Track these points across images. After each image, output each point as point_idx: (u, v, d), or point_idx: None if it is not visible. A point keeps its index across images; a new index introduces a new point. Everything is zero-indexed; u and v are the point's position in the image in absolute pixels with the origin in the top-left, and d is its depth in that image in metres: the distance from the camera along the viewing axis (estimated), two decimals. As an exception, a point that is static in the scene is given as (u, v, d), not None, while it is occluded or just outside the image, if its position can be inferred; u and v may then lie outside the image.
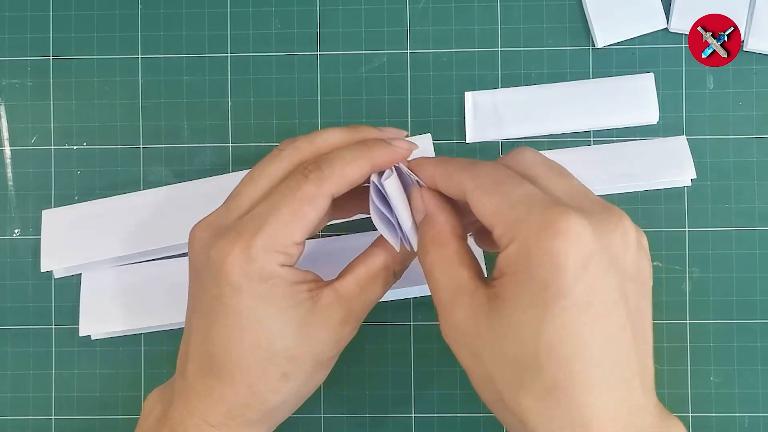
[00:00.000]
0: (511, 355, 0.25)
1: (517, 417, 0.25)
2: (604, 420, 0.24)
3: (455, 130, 0.40)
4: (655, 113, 0.39)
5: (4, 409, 0.40)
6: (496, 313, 0.25)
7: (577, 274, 0.24)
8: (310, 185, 0.28)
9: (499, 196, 0.26)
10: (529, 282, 0.24)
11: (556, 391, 0.24)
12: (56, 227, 0.39)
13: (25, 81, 0.41)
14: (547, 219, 0.24)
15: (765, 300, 0.39)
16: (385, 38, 0.40)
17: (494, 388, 0.26)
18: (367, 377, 0.40)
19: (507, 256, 0.25)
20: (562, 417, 0.24)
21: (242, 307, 0.28)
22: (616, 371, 0.24)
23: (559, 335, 0.24)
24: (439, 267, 0.28)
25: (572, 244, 0.24)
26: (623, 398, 0.25)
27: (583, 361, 0.24)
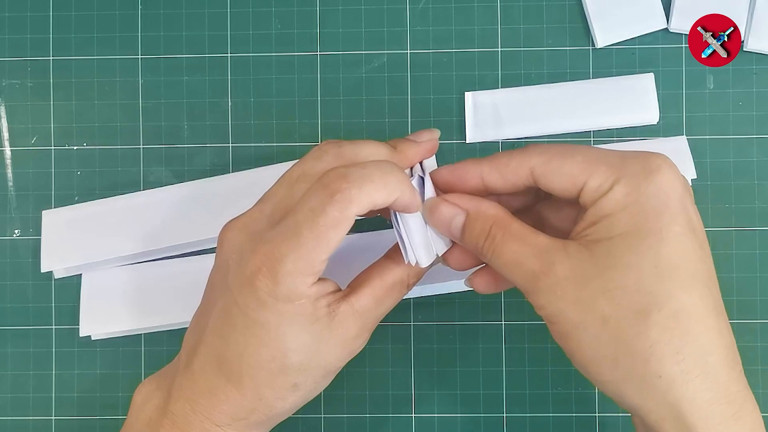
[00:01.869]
0: (630, 285, 0.25)
1: (640, 354, 0.25)
2: (721, 348, 0.26)
3: (455, 130, 0.40)
4: (655, 113, 0.39)
5: (4, 410, 0.40)
6: (606, 253, 0.26)
7: (681, 205, 0.26)
8: (334, 210, 0.27)
9: (581, 155, 0.27)
10: (643, 213, 0.26)
11: (681, 315, 0.25)
12: (56, 227, 0.39)
13: (25, 81, 0.41)
14: (645, 160, 0.27)
15: (765, 300, 0.39)
16: (385, 38, 0.40)
17: (610, 330, 0.26)
18: (367, 377, 0.40)
19: (613, 198, 0.26)
20: (689, 343, 0.25)
21: (265, 322, 0.27)
22: (719, 300, 0.27)
23: (680, 257, 0.26)
24: (514, 243, 0.28)
25: (674, 177, 0.26)
26: (727, 329, 0.26)
27: (700, 284, 0.26)
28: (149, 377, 0.32)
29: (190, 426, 0.29)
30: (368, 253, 0.32)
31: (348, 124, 0.40)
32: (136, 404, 0.31)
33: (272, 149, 0.40)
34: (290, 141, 0.40)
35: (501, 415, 0.39)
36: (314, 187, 0.27)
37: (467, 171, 0.30)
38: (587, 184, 0.27)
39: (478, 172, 0.30)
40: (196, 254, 0.39)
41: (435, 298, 0.39)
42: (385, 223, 0.39)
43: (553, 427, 0.39)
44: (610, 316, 0.26)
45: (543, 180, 0.28)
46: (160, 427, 0.29)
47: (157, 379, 0.31)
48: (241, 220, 0.30)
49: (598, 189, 0.27)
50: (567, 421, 0.39)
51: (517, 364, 0.39)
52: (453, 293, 0.39)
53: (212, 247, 0.39)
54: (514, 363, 0.39)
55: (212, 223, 0.38)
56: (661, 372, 0.25)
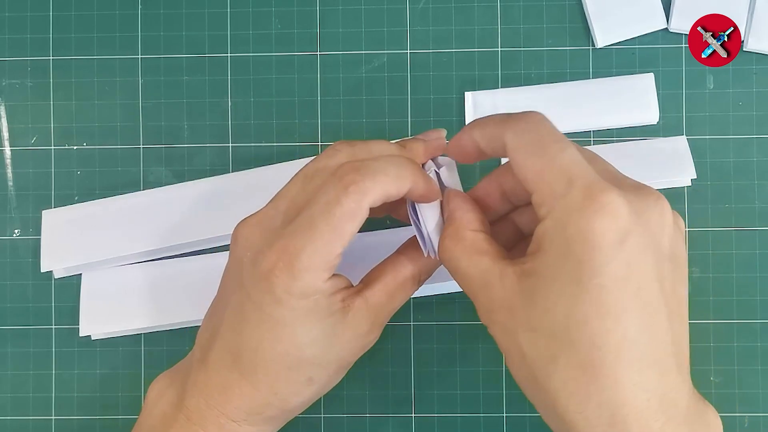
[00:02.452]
0: (544, 330, 0.25)
1: (549, 396, 0.25)
2: (637, 401, 0.24)
3: (455, 130, 0.40)
4: (655, 113, 0.39)
5: (4, 410, 0.40)
6: (530, 290, 0.25)
7: (614, 252, 0.24)
8: (349, 201, 0.27)
9: (542, 161, 0.25)
10: (565, 258, 0.24)
11: (588, 367, 0.24)
12: (56, 227, 0.39)
13: (25, 81, 0.41)
14: (586, 195, 0.24)
15: (765, 300, 0.39)
16: (385, 38, 0.40)
17: (527, 366, 0.26)
18: (367, 377, 0.40)
19: (544, 229, 0.25)
20: (593, 396, 0.24)
21: (280, 317, 0.28)
22: (650, 351, 0.24)
23: (594, 311, 0.24)
24: (460, 260, 0.28)
25: (610, 221, 0.24)
26: (657, 379, 0.24)
27: (616, 337, 0.24)
28: (163, 373, 0.32)
29: (205, 421, 0.29)
30: (378, 251, 0.33)
31: (348, 124, 0.40)
32: (150, 400, 0.31)
33: (272, 149, 0.40)
34: (290, 141, 0.40)
35: (501, 415, 0.39)
36: (328, 180, 0.28)
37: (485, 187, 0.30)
38: (534, 195, 0.26)
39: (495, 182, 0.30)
40: (196, 254, 0.39)
41: (435, 298, 0.39)
42: (388, 223, 0.39)
43: (553, 427, 0.39)
44: (526, 353, 0.25)
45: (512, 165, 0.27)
46: (174, 422, 0.29)
47: (170, 375, 0.32)
48: (256, 217, 0.30)
49: (540, 208, 0.25)
50: (567, 421, 0.39)
51: (517, 364, 0.39)
52: (453, 293, 0.39)
53: (212, 247, 0.39)
54: (514, 363, 0.39)
55: (212, 223, 0.38)
56: (565, 417, 0.25)
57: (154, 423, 0.30)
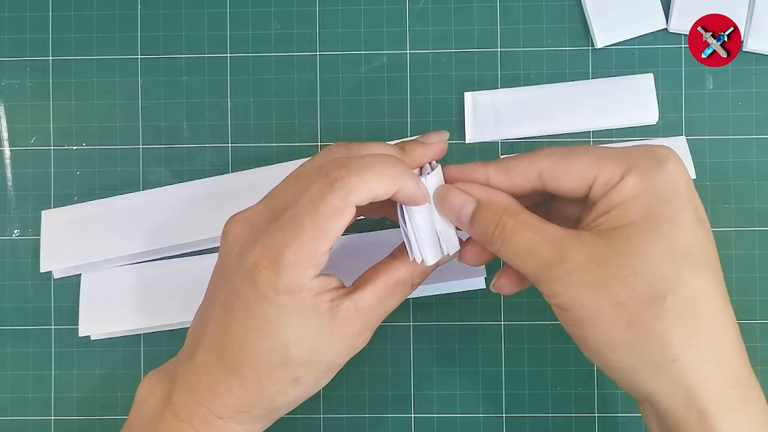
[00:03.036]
0: (645, 270, 0.26)
1: (656, 337, 0.26)
2: (731, 334, 0.26)
3: (455, 130, 0.40)
4: (654, 113, 0.39)
5: (4, 410, 0.40)
6: (618, 239, 0.26)
7: (689, 194, 0.27)
8: (334, 198, 0.27)
9: (589, 154, 0.28)
10: (655, 201, 0.26)
11: (696, 300, 0.26)
12: (56, 227, 0.39)
13: (24, 81, 0.41)
14: (652, 151, 0.28)
15: (765, 300, 0.39)
16: (384, 38, 0.40)
17: (626, 314, 0.26)
18: (367, 377, 0.40)
19: (623, 188, 0.27)
20: (703, 327, 0.26)
21: (266, 314, 0.28)
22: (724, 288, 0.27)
23: (693, 242, 0.26)
24: (526, 232, 0.28)
25: (680, 168, 0.27)
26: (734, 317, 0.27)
27: (711, 269, 0.26)
28: (153, 371, 0.32)
29: (192, 417, 0.29)
30: (373, 253, 0.32)
31: (347, 124, 0.40)
32: (140, 397, 0.31)
33: (272, 149, 0.40)
34: (290, 141, 0.40)
35: (501, 415, 0.39)
36: (314, 177, 0.28)
37: (474, 171, 0.30)
38: (597, 179, 0.27)
39: (485, 173, 0.30)
40: (195, 254, 0.39)
41: (435, 298, 0.39)
42: (387, 223, 0.39)
43: (552, 428, 0.39)
44: (625, 302, 0.26)
45: (552, 181, 0.28)
46: (162, 418, 0.29)
47: (160, 372, 0.32)
48: (245, 213, 0.30)
49: (609, 182, 0.27)
50: (566, 421, 0.39)
51: (516, 364, 0.39)
52: (453, 293, 0.39)
53: (212, 247, 0.39)
54: (513, 363, 0.39)
55: (212, 223, 0.38)
56: (676, 356, 0.25)
57: (143, 420, 0.30)
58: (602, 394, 0.39)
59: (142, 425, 0.30)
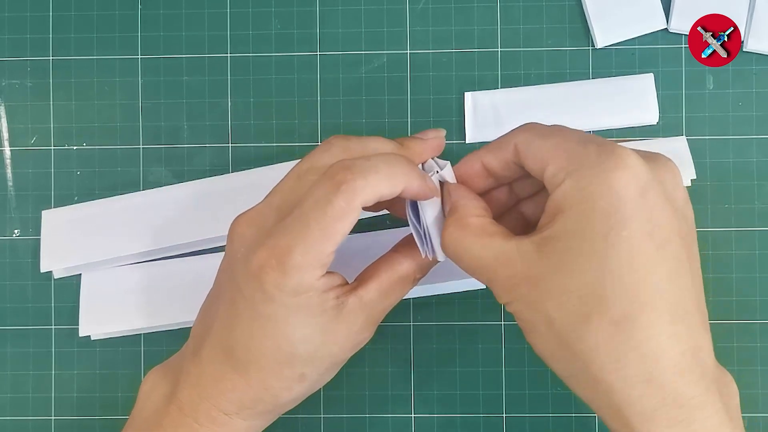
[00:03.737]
0: (574, 290, 0.25)
1: (583, 358, 0.25)
2: (673, 353, 0.24)
3: (455, 130, 0.40)
4: (654, 114, 0.39)
5: (4, 410, 0.40)
6: (555, 255, 0.25)
7: (637, 204, 0.24)
8: (340, 201, 0.27)
9: (555, 138, 0.27)
10: (590, 215, 0.24)
11: (624, 322, 0.24)
12: (56, 227, 0.39)
13: (24, 81, 0.41)
14: (604, 152, 0.25)
15: (765, 300, 0.39)
16: (385, 38, 0.40)
17: (556, 332, 0.25)
18: (367, 377, 0.40)
19: (563, 192, 0.25)
20: (630, 351, 0.24)
21: (272, 314, 0.28)
22: (680, 303, 0.25)
23: (625, 263, 0.24)
24: (471, 245, 0.27)
25: (630, 174, 0.24)
26: (688, 332, 0.25)
27: (649, 289, 0.24)
28: (156, 367, 0.32)
29: (197, 413, 0.29)
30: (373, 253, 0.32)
31: (348, 124, 0.40)
32: (143, 393, 0.31)
33: (272, 149, 0.40)
34: (290, 141, 0.40)
35: (501, 415, 0.39)
36: (320, 180, 0.28)
37: (468, 163, 0.30)
38: (546, 170, 0.26)
39: (478, 161, 0.30)
40: (195, 254, 0.39)
41: (435, 298, 0.39)
42: (388, 223, 0.39)
43: (552, 428, 0.39)
44: (555, 320, 0.25)
45: (522, 159, 0.28)
46: (166, 414, 0.30)
47: (163, 369, 0.32)
48: (250, 213, 0.30)
49: (554, 178, 0.26)
50: (566, 421, 0.39)
51: (516, 364, 0.39)
52: (453, 293, 0.39)
53: (212, 247, 0.39)
54: (513, 363, 0.39)
55: (212, 223, 0.38)
56: (600, 378, 0.25)
57: (147, 416, 0.30)
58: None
59: (146, 421, 0.30)
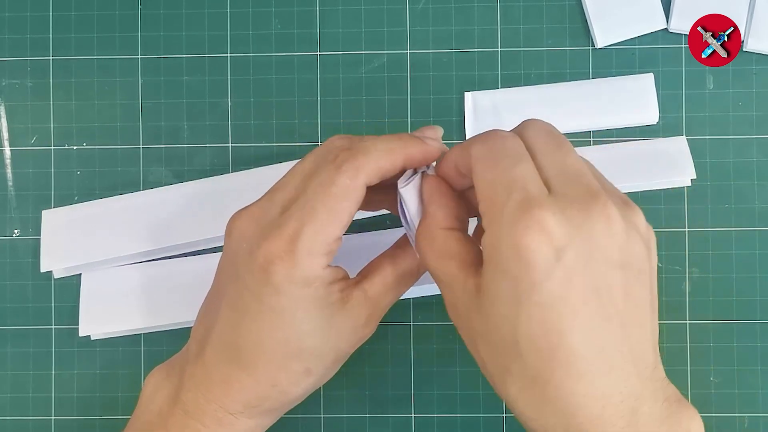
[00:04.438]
0: (496, 343, 0.25)
1: (508, 402, 0.26)
2: (591, 409, 0.24)
3: (455, 130, 0.40)
4: (654, 113, 0.39)
5: (4, 410, 0.40)
6: (481, 303, 0.25)
7: (550, 268, 0.23)
8: (343, 178, 0.27)
9: (494, 173, 0.25)
10: (503, 276, 0.24)
11: (538, 380, 0.24)
12: (56, 227, 0.39)
13: (25, 81, 0.41)
14: (520, 209, 0.24)
15: (765, 300, 0.39)
16: (385, 38, 0.40)
17: (487, 373, 0.26)
18: (367, 377, 0.40)
19: (485, 243, 0.25)
20: (546, 405, 0.24)
21: (280, 307, 0.28)
22: (601, 361, 0.24)
23: (537, 327, 0.24)
24: (430, 260, 0.28)
25: (542, 238, 0.23)
26: (612, 386, 0.24)
27: (563, 352, 0.24)
28: (158, 367, 0.32)
29: (203, 415, 0.29)
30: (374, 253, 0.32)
31: (348, 124, 0.40)
32: (146, 394, 0.31)
33: (272, 149, 0.40)
34: (290, 141, 0.40)
35: (501, 415, 0.39)
36: (321, 166, 0.28)
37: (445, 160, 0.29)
38: (479, 207, 0.25)
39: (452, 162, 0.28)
40: (196, 254, 0.39)
41: (435, 298, 0.39)
42: (388, 223, 0.39)
43: (552, 428, 0.39)
44: (485, 363, 0.26)
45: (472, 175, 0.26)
46: (171, 417, 0.29)
47: (166, 369, 0.31)
48: (251, 209, 0.30)
49: (482, 218, 0.25)
50: (567, 421, 0.39)
51: (516, 364, 0.39)
52: (453, 293, 0.39)
53: (212, 247, 0.39)
54: (513, 363, 0.39)
55: (212, 223, 0.38)
56: (526, 425, 0.25)
57: (151, 418, 0.30)
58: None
59: (150, 423, 0.30)
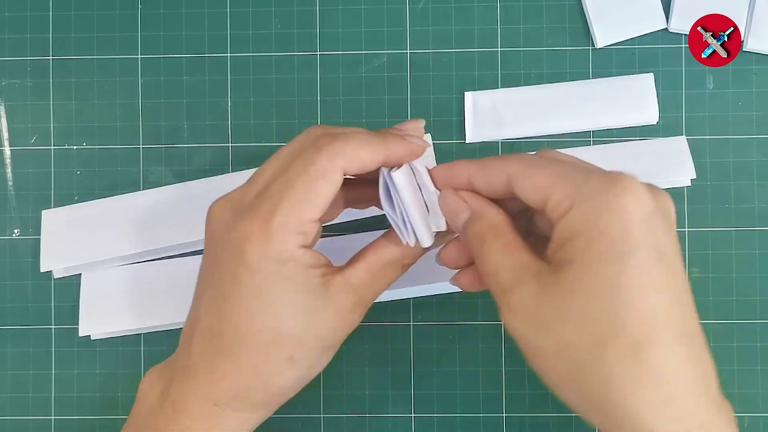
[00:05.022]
0: (589, 314, 0.25)
1: (600, 382, 0.25)
2: (687, 376, 0.24)
3: (455, 130, 0.40)
4: (654, 113, 0.39)
5: (4, 409, 0.40)
6: (568, 279, 0.25)
7: (645, 228, 0.25)
8: (323, 158, 0.28)
9: (551, 169, 0.27)
10: (600, 239, 0.25)
11: (638, 346, 0.24)
12: (56, 227, 0.39)
13: (24, 81, 0.41)
14: (609, 179, 0.25)
15: (765, 300, 0.39)
16: (385, 38, 0.40)
17: (569, 357, 0.25)
18: (367, 377, 0.40)
19: (571, 220, 0.25)
20: (646, 374, 0.24)
21: (257, 287, 0.28)
22: (687, 326, 0.25)
23: (636, 287, 0.24)
24: (499, 253, 0.27)
25: (636, 201, 0.25)
26: (696, 357, 0.25)
27: (660, 312, 0.24)
28: (153, 367, 0.32)
29: (190, 407, 0.29)
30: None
31: (348, 124, 0.40)
32: (141, 393, 0.31)
33: (272, 149, 0.40)
34: (290, 141, 0.40)
35: (500, 415, 0.39)
36: (303, 147, 0.29)
37: (457, 170, 0.30)
38: (550, 198, 0.26)
39: (467, 173, 0.29)
40: (195, 254, 0.39)
41: (435, 298, 0.39)
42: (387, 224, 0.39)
43: (552, 427, 0.39)
44: (570, 343, 0.25)
45: (517, 189, 0.28)
46: (161, 411, 0.30)
47: (160, 367, 0.32)
48: (230, 195, 0.30)
49: (559, 206, 0.26)
50: (567, 421, 0.39)
51: (516, 364, 0.39)
52: (453, 293, 0.39)
53: (212, 247, 0.39)
54: (513, 363, 0.39)
55: (212, 223, 0.38)
56: (618, 402, 0.25)
57: (143, 415, 0.30)
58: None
59: (143, 420, 0.30)
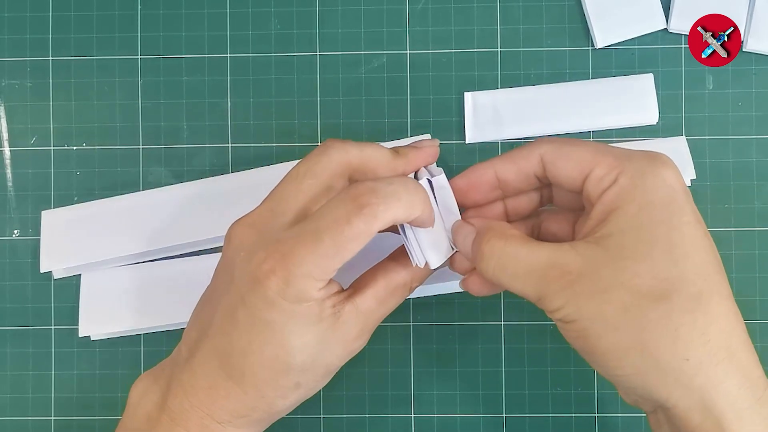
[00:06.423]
0: (648, 275, 0.26)
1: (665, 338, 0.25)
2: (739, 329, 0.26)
3: (455, 130, 0.40)
4: (654, 114, 0.39)
5: (3, 410, 0.40)
6: (617, 246, 0.26)
7: (685, 196, 0.27)
8: (360, 223, 0.27)
9: (591, 146, 0.28)
10: (651, 204, 0.26)
11: (701, 298, 0.26)
12: (56, 228, 0.39)
13: (24, 81, 0.41)
14: (650, 155, 0.28)
15: (765, 300, 0.39)
16: (384, 38, 0.40)
17: (634, 319, 0.25)
18: (367, 377, 0.40)
19: (619, 189, 0.27)
20: (711, 325, 0.25)
21: (271, 321, 0.27)
22: (725, 284, 0.27)
23: (690, 245, 0.26)
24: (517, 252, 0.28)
25: (675, 171, 0.27)
26: (740, 314, 0.27)
27: (711, 269, 0.26)
28: (145, 372, 0.32)
29: (189, 422, 0.29)
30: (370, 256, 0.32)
31: (347, 124, 0.40)
32: (133, 400, 0.31)
33: (272, 149, 0.40)
34: (289, 141, 0.40)
35: (500, 415, 0.39)
36: (342, 198, 0.27)
37: (479, 171, 0.31)
38: (593, 172, 0.28)
39: (491, 170, 0.31)
40: (195, 254, 0.39)
41: (434, 299, 0.39)
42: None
43: (552, 428, 0.39)
44: (630, 304, 0.26)
45: (551, 167, 0.29)
46: (158, 422, 0.29)
47: (154, 374, 0.31)
48: (250, 217, 0.29)
49: (603, 179, 0.27)
50: (566, 421, 0.39)
51: (516, 364, 0.39)
52: (452, 293, 0.39)
53: (212, 248, 0.39)
54: (513, 363, 0.39)
55: (211, 224, 0.38)
56: (688, 355, 0.25)
57: (138, 424, 0.30)
58: (602, 394, 0.39)
59: (137, 430, 0.30)
